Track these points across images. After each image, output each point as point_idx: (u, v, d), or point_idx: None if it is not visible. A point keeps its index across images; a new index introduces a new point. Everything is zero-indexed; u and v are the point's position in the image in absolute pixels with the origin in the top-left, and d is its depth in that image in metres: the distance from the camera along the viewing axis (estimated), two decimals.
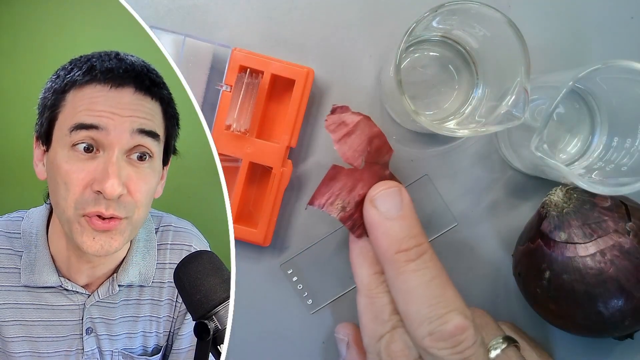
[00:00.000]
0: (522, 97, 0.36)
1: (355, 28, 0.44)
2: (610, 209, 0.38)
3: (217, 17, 0.44)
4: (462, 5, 0.36)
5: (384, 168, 0.38)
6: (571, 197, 0.39)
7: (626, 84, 0.37)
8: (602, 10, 0.44)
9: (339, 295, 0.45)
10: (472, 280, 0.45)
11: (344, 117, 0.37)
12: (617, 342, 0.44)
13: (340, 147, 0.37)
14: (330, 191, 0.37)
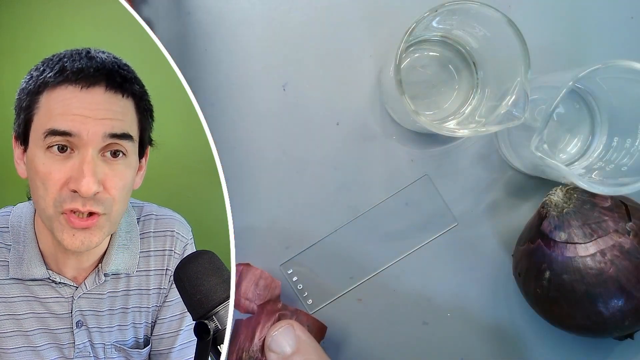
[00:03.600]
0: (522, 97, 0.36)
1: (355, 28, 0.44)
2: (610, 209, 0.38)
3: (217, 18, 0.44)
4: (462, 5, 0.36)
5: (276, 302, 0.41)
6: (571, 197, 0.39)
7: (626, 84, 0.37)
8: (602, 10, 0.44)
9: (338, 296, 0.45)
10: (472, 280, 0.45)
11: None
12: (617, 342, 0.44)
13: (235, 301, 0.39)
14: (237, 347, 0.39)
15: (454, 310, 0.45)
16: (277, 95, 0.45)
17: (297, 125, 0.45)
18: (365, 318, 0.45)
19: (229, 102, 0.45)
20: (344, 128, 0.45)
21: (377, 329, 0.45)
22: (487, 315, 0.45)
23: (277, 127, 0.45)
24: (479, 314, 0.45)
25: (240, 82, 0.45)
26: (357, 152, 0.45)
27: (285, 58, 0.45)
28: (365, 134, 0.45)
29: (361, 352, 0.45)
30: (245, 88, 0.45)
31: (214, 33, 0.45)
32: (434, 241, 0.44)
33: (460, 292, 0.45)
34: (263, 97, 0.45)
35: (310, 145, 0.45)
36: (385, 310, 0.45)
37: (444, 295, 0.45)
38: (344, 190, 0.45)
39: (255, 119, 0.45)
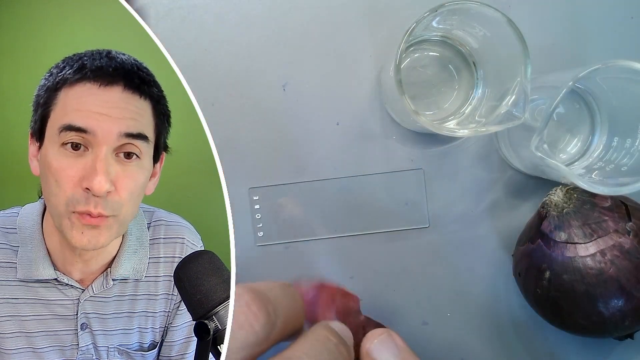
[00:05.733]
0: (522, 97, 0.36)
1: (355, 28, 0.44)
2: (610, 209, 0.38)
3: (217, 18, 0.44)
4: (462, 5, 0.36)
5: (357, 315, 0.38)
6: (571, 197, 0.39)
7: (626, 84, 0.37)
8: (602, 10, 0.44)
9: (290, 241, 0.44)
10: (472, 280, 0.45)
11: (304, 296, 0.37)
12: (617, 342, 0.44)
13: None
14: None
15: (454, 310, 0.45)
16: (277, 95, 0.45)
17: (297, 125, 0.45)
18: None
19: (229, 102, 0.45)
20: (344, 128, 0.45)
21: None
22: (487, 315, 0.45)
23: (277, 127, 0.45)
24: (479, 314, 0.45)
25: (240, 82, 0.45)
26: (357, 152, 0.45)
27: (285, 58, 0.45)
28: (365, 134, 0.45)
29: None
30: (245, 88, 0.45)
31: (214, 33, 0.45)
32: (434, 241, 0.44)
33: (460, 292, 0.45)
34: (263, 97, 0.45)
35: (310, 145, 0.45)
36: (385, 310, 0.45)
37: (444, 295, 0.45)
38: (344, 190, 0.45)
39: (255, 119, 0.45)
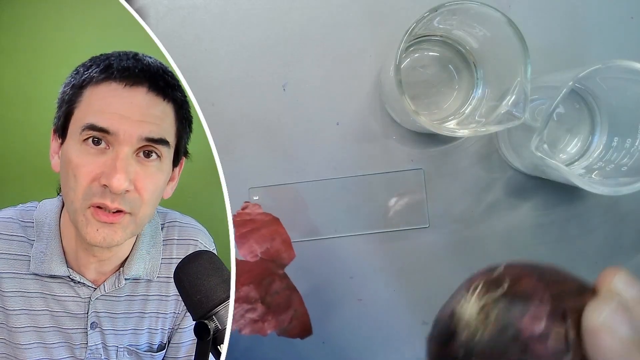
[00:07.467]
0: (522, 97, 0.36)
1: (355, 28, 0.44)
2: (544, 337, 0.25)
3: (217, 18, 0.44)
4: (462, 5, 0.36)
5: (278, 267, 0.39)
6: (488, 316, 0.27)
7: (626, 84, 0.37)
8: (602, 10, 0.44)
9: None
10: None
11: (253, 215, 0.38)
12: None
13: (239, 240, 0.38)
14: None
15: None
16: (277, 95, 0.45)
17: (297, 125, 0.45)
18: (366, 318, 0.45)
19: (229, 102, 0.45)
20: (344, 128, 0.45)
21: (377, 329, 0.45)
22: None
23: (277, 126, 0.45)
24: None
25: (240, 82, 0.45)
26: (357, 152, 0.45)
27: (285, 58, 0.45)
28: (365, 134, 0.45)
29: (361, 352, 0.45)
30: (245, 88, 0.45)
31: (214, 33, 0.45)
32: (434, 241, 0.44)
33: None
34: (263, 97, 0.45)
35: (310, 145, 0.45)
36: (385, 310, 0.45)
37: (444, 295, 0.45)
38: (344, 190, 0.45)
39: (255, 119, 0.45)
